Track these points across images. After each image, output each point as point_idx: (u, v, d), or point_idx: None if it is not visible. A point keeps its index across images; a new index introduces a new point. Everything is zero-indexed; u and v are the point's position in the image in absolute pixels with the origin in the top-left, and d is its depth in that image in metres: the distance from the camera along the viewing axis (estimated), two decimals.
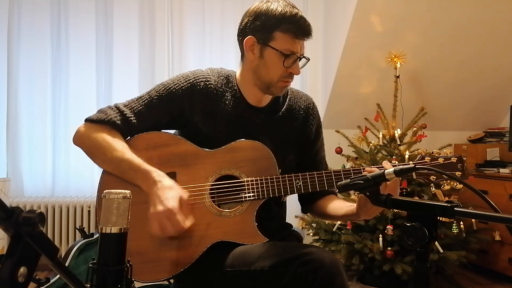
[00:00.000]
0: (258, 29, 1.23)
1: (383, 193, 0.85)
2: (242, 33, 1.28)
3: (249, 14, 1.26)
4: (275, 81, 1.26)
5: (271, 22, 1.21)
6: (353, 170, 1.23)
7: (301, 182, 1.23)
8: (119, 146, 1.19)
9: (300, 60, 1.26)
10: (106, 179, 1.22)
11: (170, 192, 1.12)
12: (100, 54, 3.24)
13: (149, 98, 1.27)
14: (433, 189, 2.58)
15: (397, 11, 2.96)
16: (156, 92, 1.28)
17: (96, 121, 1.23)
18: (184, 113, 1.27)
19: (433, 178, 1.24)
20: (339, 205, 1.33)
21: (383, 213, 2.62)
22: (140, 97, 1.28)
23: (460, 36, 3.12)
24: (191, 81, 1.28)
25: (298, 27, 1.21)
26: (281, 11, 1.21)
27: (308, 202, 1.43)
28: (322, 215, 1.40)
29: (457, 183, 1.23)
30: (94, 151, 1.22)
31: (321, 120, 1.47)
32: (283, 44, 1.22)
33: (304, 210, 1.47)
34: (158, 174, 1.16)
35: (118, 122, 1.23)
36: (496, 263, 3.05)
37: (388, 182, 1.12)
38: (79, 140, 1.25)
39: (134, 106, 1.26)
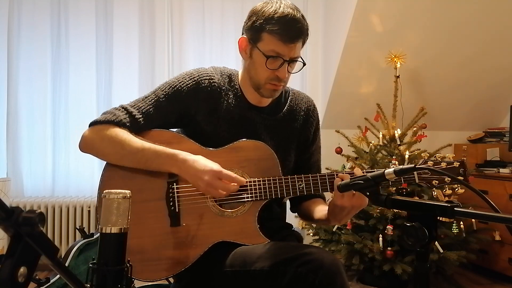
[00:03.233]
0: (249, 29, 1.23)
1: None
2: (241, 33, 1.28)
3: (248, 14, 1.26)
4: (262, 83, 1.25)
5: (260, 22, 1.19)
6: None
7: (303, 184, 1.22)
8: (135, 138, 1.19)
9: (290, 63, 1.22)
10: (108, 175, 1.22)
11: (205, 162, 1.16)
12: (100, 54, 3.24)
13: (155, 97, 1.26)
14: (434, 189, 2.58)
15: (397, 11, 2.96)
16: (162, 91, 1.27)
17: (104, 122, 1.21)
18: (189, 111, 1.27)
19: (436, 183, 1.22)
20: (318, 209, 1.32)
21: (383, 213, 2.62)
22: (146, 97, 1.27)
23: (460, 36, 3.11)
24: (196, 79, 1.28)
25: (285, 29, 1.17)
26: (272, 11, 1.17)
27: (297, 203, 1.43)
28: (305, 217, 1.41)
29: (459, 187, 1.21)
30: (109, 149, 1.19)
31: (321, 120, 1.47)
32: (268, 45, 1.19)
33: (292, 210, 1.46)
34: (185, 154, 1.17)
35: (127, 122, 1.21)
36: (496, 263, 3.05)
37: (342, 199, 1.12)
38: (88, 145, 1.22)
39: (142, 106, 1.25)
